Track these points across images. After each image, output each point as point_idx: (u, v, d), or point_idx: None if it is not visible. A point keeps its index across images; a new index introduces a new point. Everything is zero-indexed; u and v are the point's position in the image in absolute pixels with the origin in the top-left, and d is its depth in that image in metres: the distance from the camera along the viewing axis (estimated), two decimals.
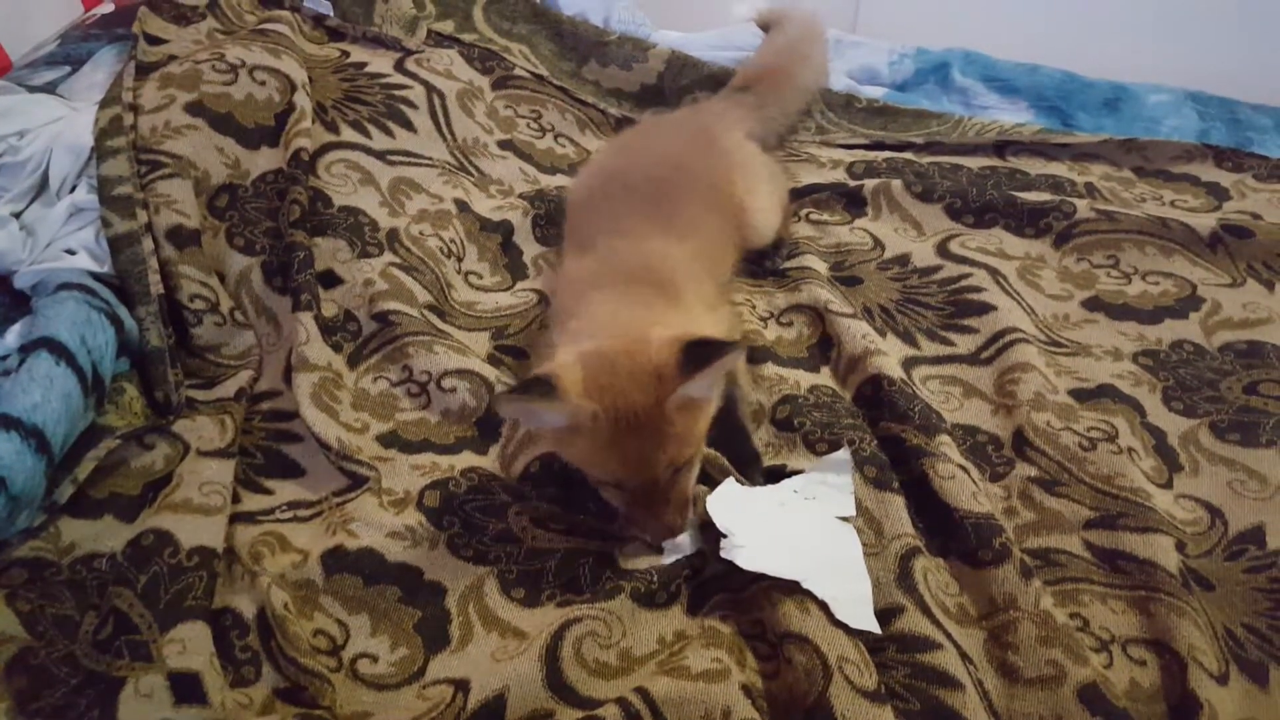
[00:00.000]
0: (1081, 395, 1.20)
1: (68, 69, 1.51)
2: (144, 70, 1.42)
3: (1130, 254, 1.44)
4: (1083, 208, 1.48)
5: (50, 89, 1.46)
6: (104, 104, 1.34)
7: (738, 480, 1.03)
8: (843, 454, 1.04)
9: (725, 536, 0.93)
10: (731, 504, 0.97)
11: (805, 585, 0.89)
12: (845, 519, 0.99)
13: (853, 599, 0.89)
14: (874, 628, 0.89)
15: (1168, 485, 1.10)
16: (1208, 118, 1.81)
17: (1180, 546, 1.01)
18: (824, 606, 0.88)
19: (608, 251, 1.14)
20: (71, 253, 1.19)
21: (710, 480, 1.04)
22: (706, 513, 0.97)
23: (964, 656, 0.90)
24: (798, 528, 0.97)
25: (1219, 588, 0.99)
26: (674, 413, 0.90)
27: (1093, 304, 1.37)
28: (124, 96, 1.34)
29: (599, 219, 1.23)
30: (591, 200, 1.30)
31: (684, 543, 0.99)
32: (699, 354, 0.89)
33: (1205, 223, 1.44)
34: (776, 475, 1.08)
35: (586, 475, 0.98)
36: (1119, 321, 1.34)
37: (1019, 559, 0.97)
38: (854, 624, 0.88)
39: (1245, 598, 0.98)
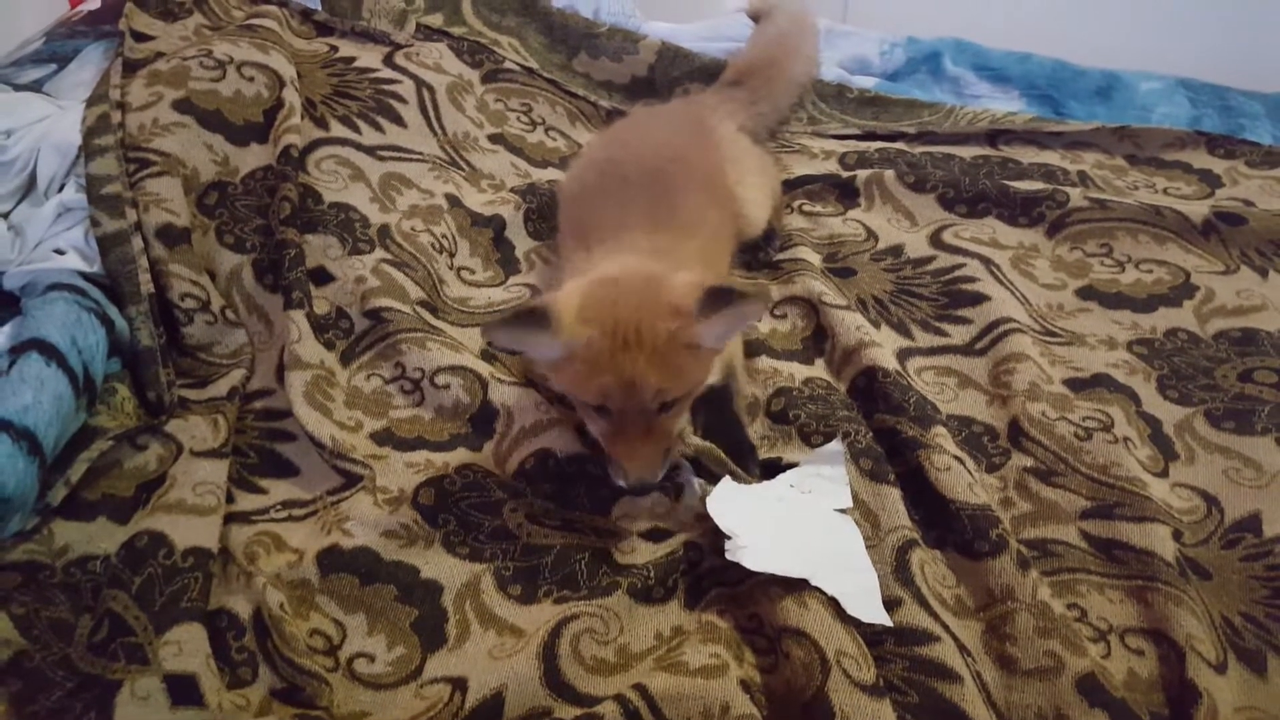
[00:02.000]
0: (1076, 385, 1.20)
1: (54, 67, 1.49)
2: (131, 67, 1.41)
3: (1124, 242, 1.44)
4: (1076, 196, 1.48)
5: (36, 87, 1.45)
6: (91, 102, 1.33)
7: (734, 478, 1.02)
8: (836, 445, 1.04)
9: (729, 538, 0.92)
10: (731, 503, 0.97)
11: (814, 582, 0.89)
12: (843, 511, 0.99)
13: (861, 592, 0.89)
14: (885, 619, 0.88)
15: (1164, 474, 1.10)
16: (1199, 105, 1.81)
17: (1177, 535, 1.01)
18: (834, 602, 0.88)
19: (616, 247, 1.13)
20: (61, 252, 1.18)
21: (708, 474, 1.04)
22: (705, 507, 0.97)
23: (962, 648, 0.90)
24: (798, 523, 0.97)
25: (1216, 576, 0.99)
26: (679, 347, 0.93)
27: (1087, 293, 1.37)
28: (111, 94, 1.33)
29: (599, 213, 1.22)
30: (588, 194, 1.30)
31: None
32: (720, 297, 0.90)
33: (1198, 210, 1.44)
34: (772, 468, 1.07)
35: (574, 401, 1.00)
36: (1113, 310, 1.34)
37: (1016, 550, 0.97)
38: (865, 618, 0.87)
39: (1242, 586, 0.98)
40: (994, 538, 0.97)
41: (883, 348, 1.21)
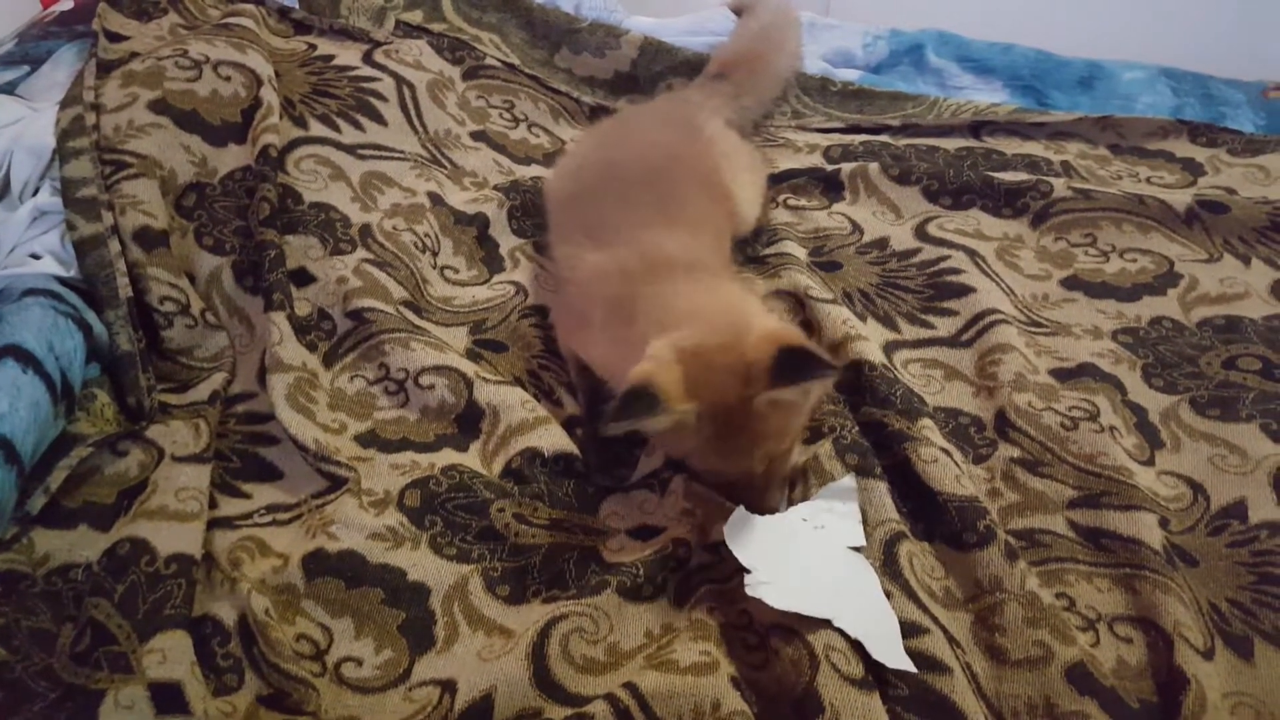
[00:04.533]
0: (1062, 375, 1.20)
1: (26, 69, 1.47)
2: (105, 68, 1.39)
3: (1108, 232, 1.44)
4: (1059, 187, 1.48)
5: (9, 89, 1.43)
6: (65, 104, 1.31)
7: (744, 509, 0.98)
8: (848, 481, 1.02)
9: (749, 572, 0.90)
10: (747, 535, 0.94)
11: (837, 624, 0.86)
12: (856, 549, 0.96)
13: (884, 636, 0.87)
14: (909, 665, 0.85)
15: (1150, 462, 1.11)
16: (1181, 94, 1.82)
17: (1164, 523, 1.02)
18: (858, 645, 0.85)
19: (636, 243, 1.13)
20: (36, 257, 1.17)
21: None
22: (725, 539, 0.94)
23: (951, 640, 0.90)
24: (814, 560, 0.94)
25: (1202, 563, 0.99)
26: (765, 409, 0.91)
27: (1071, 283, 1.37)
28: (85, 96, 1.31)
29: (603, 214, 1.23)
30: (586, 194, 1.30)
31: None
32: (793, 363, 0.89)
33: (1181, 199, 1.45)
34: None
35: (686, 460, 1.01)
36: (1098, 300, 1.34)
37: (1004, 541, 0.97)
38: (890, 663, 0.84)
39: (1229, 572, 0.98)
40: (982, 529, 0.97)
41: (869, 341, 1.21)
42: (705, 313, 1.00)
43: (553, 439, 1.08)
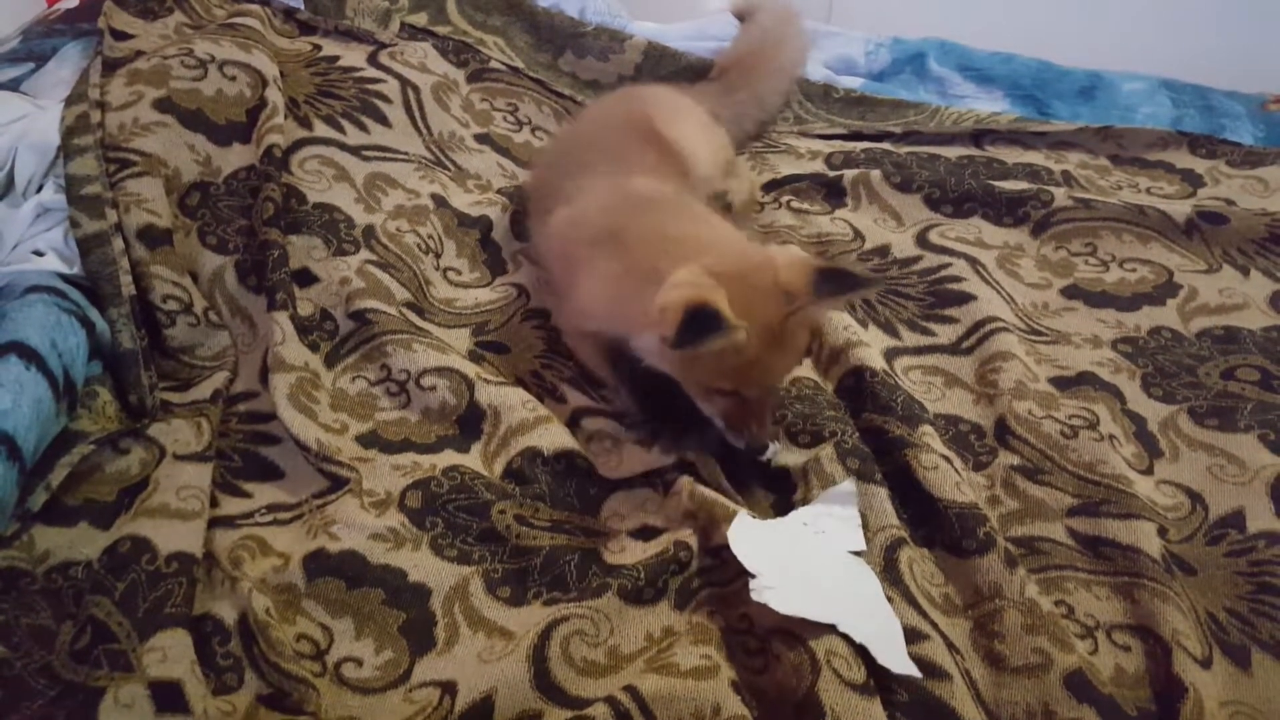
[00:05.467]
0: (1062, 383, 1.21)
1: (31, 66, 1.47)
2: (111, 66, 1.39)
3: (1108, 241, 1.45)
4: (1060, 196, 1.49)
5: (13, 86, 1.43)
6: (70, 101, 1.31)
7: (750, 514, 0.99)
8: (848, 485, 1.02)
9: (753, 576, 0.90)
10: (751, 540, 0.94)
11: (841, 629, 0.86)
12: (856, 553, 0.97)
13: (888, 642, 0.87)
14: (914, 670, 0.85)
15: (1149, 471, 1.11)
16: (1181, 105, 1.82)
17: (1162, 532, 1.02)
18: (862, 651, 0.85)
19: (603, 187, 1.23)
20: (40, 254, 1.17)
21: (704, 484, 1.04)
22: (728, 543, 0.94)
23: (951, 646, 0.90)
24: (817, 565, 0.95)
25: (1201, 572, 1.00)
26: (798, 329, 1.01)
27: (1071, 292, 1.38)
28: (90, 93, 1.31)
29: (560, 183, 1.31)
30: (547, 176, 1.41)
31: (776, 447, 1.07)
32: (833, 280, 0.99)
33: (1181, 209, 1.46)
34: (761, 471, 1.08)
35: (692, 385, 1.04)
36: (1098, 309, 1.35)
37: (1003, 548, 0.97)
38: (895, 669, 0.84)
39: (1227, 581, 0.99)
40: (981, 536, 0.98)
41: (870, 347, 1.21)
42: (715, 242, 1.07)
43: (553, 438, 1.08)
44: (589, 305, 1.14)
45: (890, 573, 0.95)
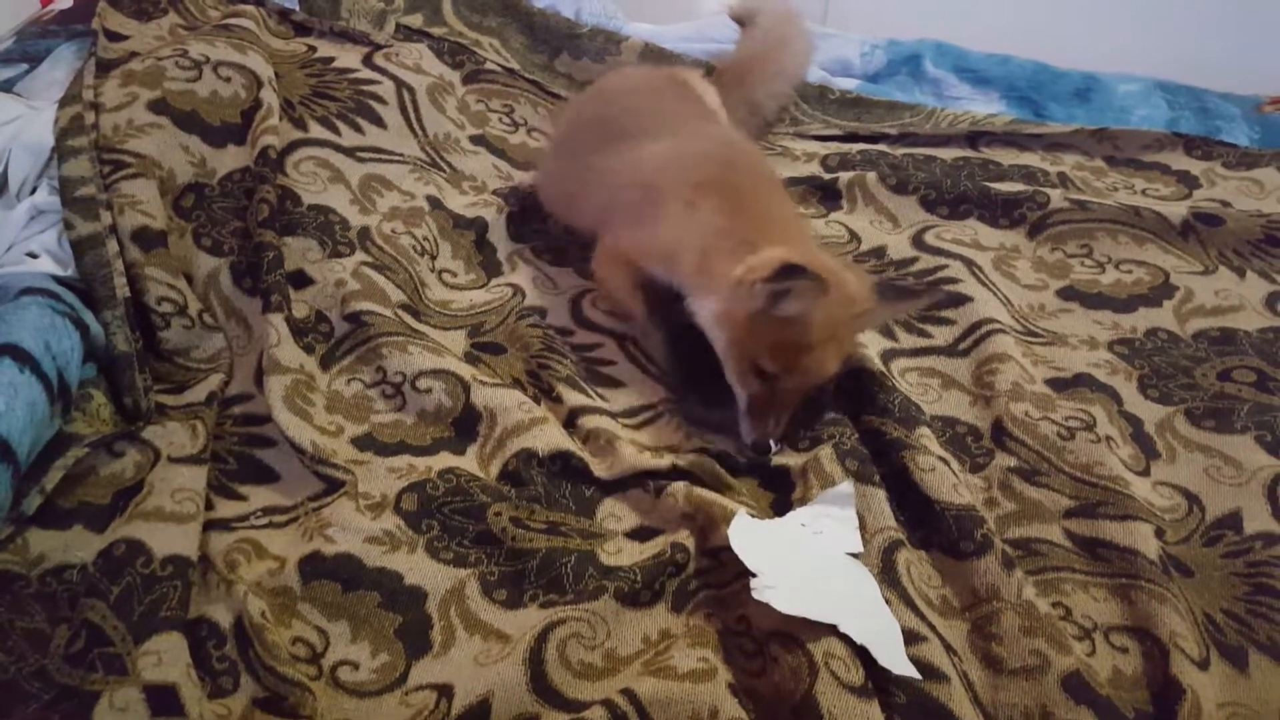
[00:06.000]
0: (1059, 385, 1.21)
1: (25, 67, 1.47)
2: (105, 67, 1.39)
3: (1104, 243, 1.45)
4: (1056, 198, 1.49)
5: (7, 87, 1.43)
6: (64, 102, 1.31)
7: (749, 514, 0.99)
8: (846, 487, 1.02)
9: (754, 575, 0.89)
10: (751, 539, 0.94)
11: (842, 629, 0.85)
12: (854, 555, 0.97)
13: (888, 643, 0.86)
14: (914, 672, 0.85)
15: (1145, 473, 1.11)
16: (1177, 106, 1.83)
17: (1159, 533, 1.02)
18: (861, 652, 0.85)
19: (694, 132, 1.30)
20: (34, 256, 1.16)
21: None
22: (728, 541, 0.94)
23: (948, 648, 0.90)
24: (816, 565, 0.94)
25: (1198, 573, 1.00)
26: (851, 333, 1.11)
27: (1068, 293, 1.38)
28: (85, 94, 1.30)
29: (628, 124, 1.36)
30: (600, 119, 1.44)
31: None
32: (890, 291, 1.12)
33: (1177, 211, 1.46)
34: (760, 470, 1.08)
35: (736, 357, 1.09)
36: (1094, 310, 1.35)
37: (1000, 550, 0.97)
38: (895, 669, 0.84)
39: (1224, 583, 0.99)
40: (979, 538, 0.98)
41: (867, 349, 1.21)
42: (804, 238, 1.19)
43: (549, 439, 1.07)
44: (663, 244, 1.18)
45: (888, 574, 0.95)
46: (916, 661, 0.86)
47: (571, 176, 1.41)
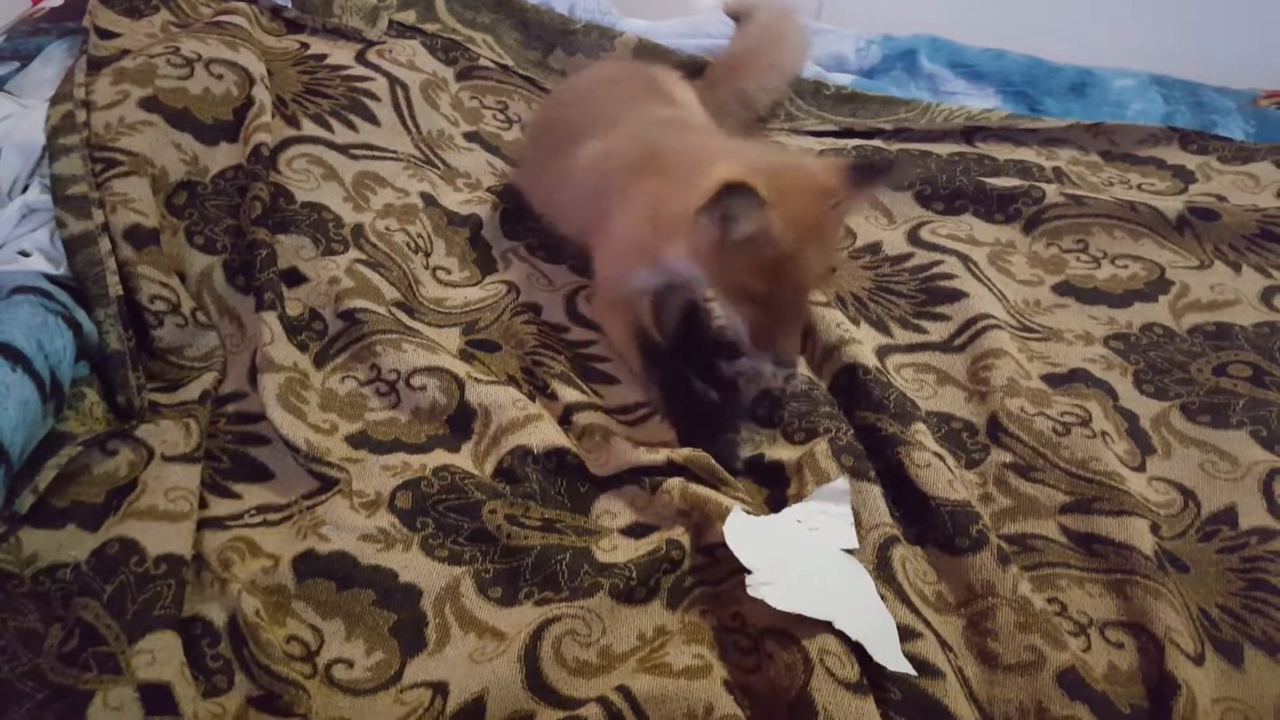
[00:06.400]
0: (1054, 380, 1.21)
1: (16, 65, 1.46)
2: (96, 65, 1.38)
3: (1099, 238, 1.45)
4: (1051, 193, 1.49)
5: None
6: (55, 101, 1.30)
7: (744, 510, 0.98)
8: (841, 483, 1.02)
9: (749, 572, 0.90)
10: (746, 535, 0.93)
11: (837, 625, 0.85)
12: (849, 551, 0.96)
13: (883, 639, 0.87)
14: (909, 668, 0.85)
15: (1141, 468, 1.11)
16: (1172, 101, 1.83)
17: (1155, 529, 1.02)
18: (856, 648, 0.85)
19: (634, 122, 1.26)
20: (26, 254, 1.16)
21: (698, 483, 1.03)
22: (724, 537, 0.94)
23: (944, 644, 0.90)
24: (811, 562, 0.94)
25: (1193, 569, 1.00)
26: (833, 226, 1.03)
27: (1063, 288, 1.38)
28: (76, 93, 1.30)
29: (580, 124, 1.33)
30: (557, 121, 1.44)
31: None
32: (865, 173, 1.03)
33: (1172, 206, 1.46)
34: (755, 466, 1.07)
35: (723, 289, 1.05)
36: (1089, 306, 1.35)
37: (996, 546, 0.97)
38: (891, 666, 0.84)
39: (1219, 578, 0.99)
40: (974, 534, 0.98)
41: (862, 345, 1.21)
42: (749, 149, 1.11)
43: (544, 435, 1.07)
44: (626, 236, 1.14)
45: (883, 571, 0.95)
46: (912, 658, 0.86)
47: (542, 175, 1.41)
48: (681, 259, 1.07)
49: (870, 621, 0.88)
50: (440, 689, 0.87)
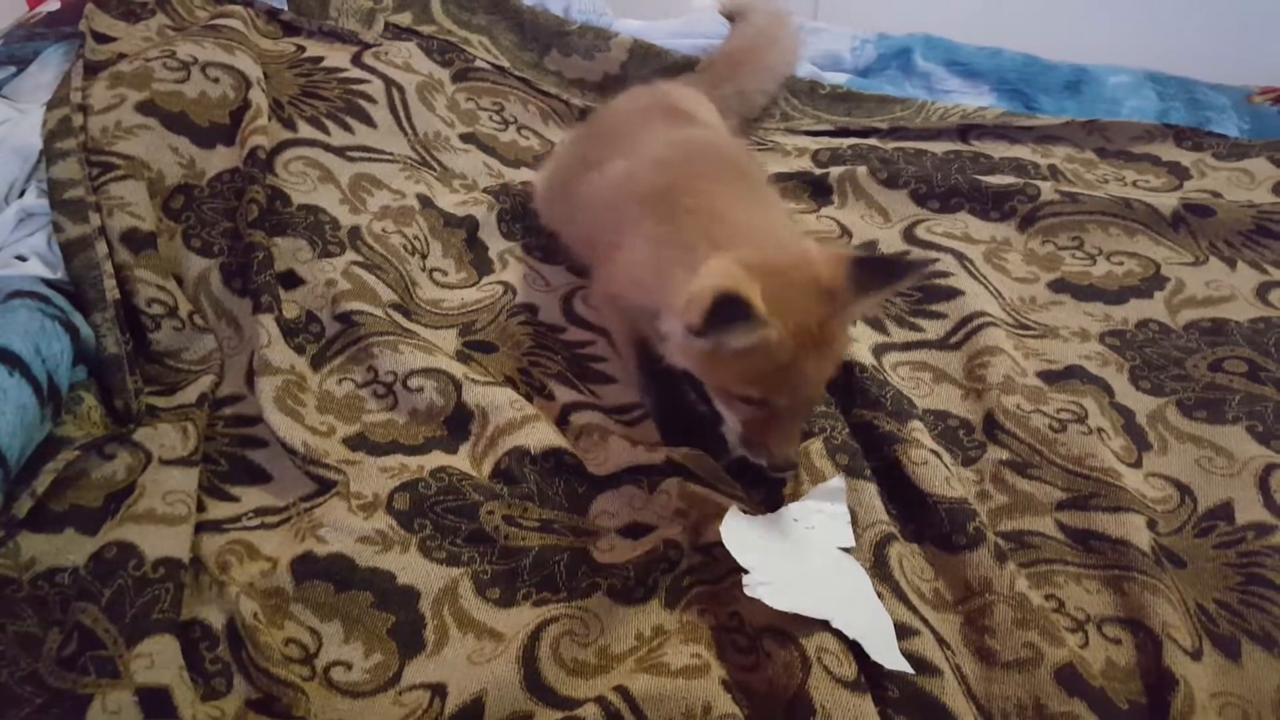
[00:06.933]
0: (1050, 377, 1.21)
1: (13, 70, 1.46)
2: (93, 69, 1.38)
3: (1095, 235, 1.45)
4: (1047, 190, 1.49)
5: None
6: (52, 105, 1.30)
7: (741, 509, 0.98)
8: (837, 482, 1.02)
9: (746, 572, 0.89)
10: (743, 535, 0.93)
11: (835, 624, 0.86)
12: (846, 549, 0.97)
13: (881, 637, 0.87)
14: (906, 667, 0.85)
15: (1137, 464, 1.11)
16: (1167, 98, 1.83)
17: (1151, 524, 1.02)
18: (854, 646, 0.85)
19: (661, 143, 1.19)
20: (23, 259, 1.16)
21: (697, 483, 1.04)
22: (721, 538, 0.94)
23: (941, 642, 0.90)
24: (808, 561, 0.94)
25: (1190, 564, 1.00)
26: (837, 332, 0.92)
27: (1059, 286, 1.38)
28: (73, 97, 1.30)
29: (604, 149, 1.28)
30: (583, 150, 1.38)
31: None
32: (869, 272, 0.91)
33: (1167, 202, 1.46)
34: (751, 465, 1.08)
35: (716, 388, 0.97)
36: (1085, 302, 1.35)
37: (993, 543, 0.97)
38: (888, 664, 0.84)
39: (1216, 573, 0.99)
40: (971, 531, 0.98)
41: (858, 343, 1.21)
42: (757, 227, 1.00)
43: (540, 436, 1.07)
44: (627, 269, 1.08)
45: (880, 568, 0.95)
46: (909, 655, 0.86)
47: (564, 196, 1.36)
48: (674, 341, 0.98)
49: (868, 620, 0.88)
50: (439, 690, 0.87)
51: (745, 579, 0.89)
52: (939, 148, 1.66)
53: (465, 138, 1.61)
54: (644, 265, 1.05)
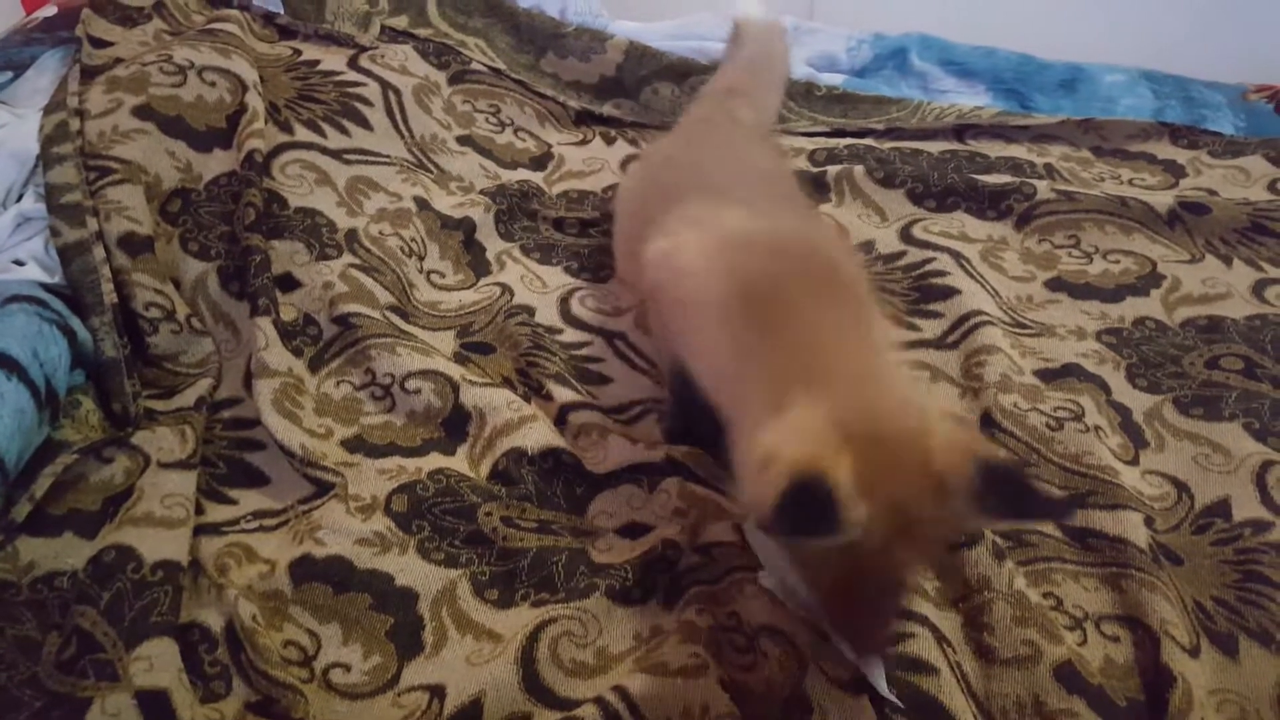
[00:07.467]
0: (1047, 375, 1.21)
1: (9, 75, 1.47)
2: (90, 74, 1.39)
3: (1091, 233, 1.46)
4: (1043, 189, 1.49)
5: None
6: (49, 110, 1.31)
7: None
8: None
9: (763, 569, 0.90)
10: (759, 532, 0.94)
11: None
12: None
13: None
14: (887, 692, 0.83)
15: (1134, 462, 1.11)
16: (1162, 96, 1.83)
17: (1149, 522, 1.02)
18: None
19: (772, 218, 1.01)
20: (20, 263, 1.16)
21: (697, 482, 1.04)
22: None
23: (941, 639, 0.90)
24: None
25: (1188, 561, 1.00)
26: (941, 536, 0.78)
27: (1055, 284, 1.38)
28: (70, 101, 1.30)
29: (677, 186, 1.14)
30: (658, 185, 1.24)
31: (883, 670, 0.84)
32: (1003, 489, 0.69)
33: (1163, 200, 1.46)
34: None
35: (793, 560, 0.81)
36: (1082, 301, 1.35)
37: (991, 541, 0.97)
38: (881, 690, 0.83)
39: (1213, 570, 0.99)
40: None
41: None
42: (853, 361, 0.81)
43: (538, 436, 1.07)
44: (694, 351, 0.94)
45: None
46: (903, 658, 0.86)
47: (634, 236, 1.15)
48: (745, 497, 0.82)
49: None
50: (438, 692, 0.87)
51: (760, 575, 0.90)
52: (935, 147, 1.67)
53: (462, 140, 1.61)
54: (715, 370, 0.90)
